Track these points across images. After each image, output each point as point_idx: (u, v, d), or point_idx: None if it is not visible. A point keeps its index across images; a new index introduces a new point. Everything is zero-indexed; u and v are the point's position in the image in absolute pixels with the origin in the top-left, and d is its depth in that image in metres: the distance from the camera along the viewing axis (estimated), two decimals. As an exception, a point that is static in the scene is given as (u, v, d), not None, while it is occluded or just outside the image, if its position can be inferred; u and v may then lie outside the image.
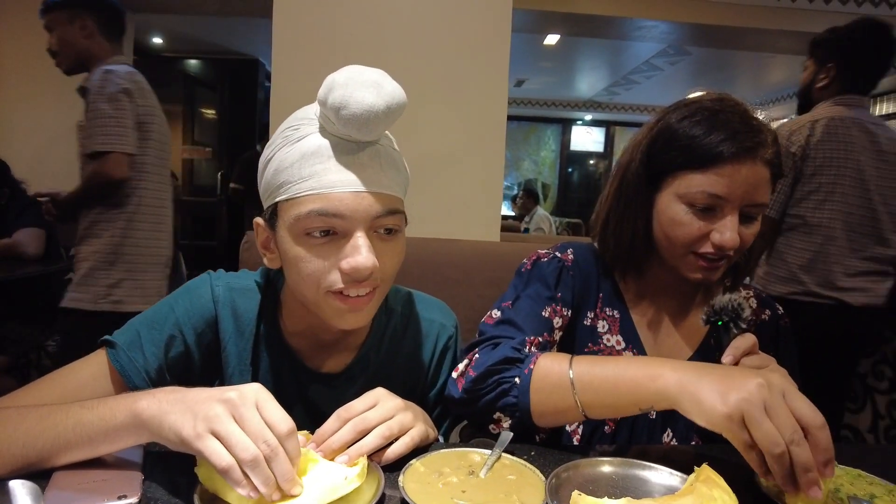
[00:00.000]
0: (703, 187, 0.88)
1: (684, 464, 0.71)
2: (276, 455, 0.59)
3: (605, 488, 0.69)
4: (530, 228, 5.90)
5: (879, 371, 1.91)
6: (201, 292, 0.88)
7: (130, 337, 0.83)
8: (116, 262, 1.98)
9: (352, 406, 0.73)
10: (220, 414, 0.60)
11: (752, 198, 0.88)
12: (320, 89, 0.74)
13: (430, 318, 1.00)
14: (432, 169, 2.02)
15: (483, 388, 0.84)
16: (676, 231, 0.92)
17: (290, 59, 1.94)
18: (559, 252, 1.05)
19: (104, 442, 0.65)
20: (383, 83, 0.73)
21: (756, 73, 7.05)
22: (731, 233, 0.88)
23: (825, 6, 4.05)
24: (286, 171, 0.76)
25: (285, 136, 0.79)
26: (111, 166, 1.89)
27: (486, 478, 0.69)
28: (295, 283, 0.81)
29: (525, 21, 4.26)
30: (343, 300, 0.78)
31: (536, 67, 7.20)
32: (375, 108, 0.71)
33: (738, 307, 0.83)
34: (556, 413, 0.82)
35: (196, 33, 5.96)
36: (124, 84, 1.92)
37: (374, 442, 0.70)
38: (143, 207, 2.02)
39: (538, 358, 0.84)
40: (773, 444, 0.60)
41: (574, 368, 0.80)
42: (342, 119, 0.72)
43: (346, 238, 0.76)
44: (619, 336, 1.02)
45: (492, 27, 2.01)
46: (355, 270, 0.75)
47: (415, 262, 1.63)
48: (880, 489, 0.72)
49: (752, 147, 0.87)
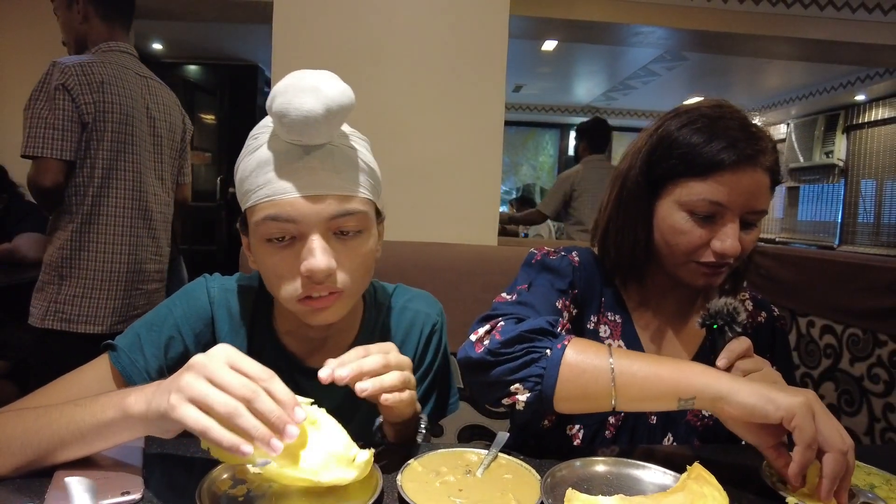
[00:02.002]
0: (704, 195, 0.88)
1: (678, 464, 0.73)
2: (257, 396, 0.59)
3: (599, 487, 0.71)
4: (529, 234, 5.92)
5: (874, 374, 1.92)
6: (198, 294, 0.91)
7: (131, 339, 0.85)
8: (68, 276, 1.78)
9: (370, 347, 0.74)
10: (190, 380, 0.59)
11: (753, 205, 0.89)
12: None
13: (416, 308, 1.02)
14: (430, 173, 2.03)
15: (510, 352, 0.79)
16: (678, 239, 0.92)
17: (290, 65, 1.92)
18: (565, 252, 1.05)
19: (97, 438, 0.66)
20: (323, 87, 0.72)
21: (752, 79, 7.08)
22: (733, 240, 0.88)
23: (820, 13, 4.09)
24: (247, 181, 0.79)
25: (247, 146, 0.81)
26: (39, 173, 1.70)
27: (483, 477, 0.70)
28: (268, 286, 0.83)
29: (523, 27, 4.29)
30: (305, 302, 0.79)
31: (534, 73, 7.23)
32: (314, 112, 0.71)
33: (734, 311, 0.84)
34: (582, 398, 0.78)
35: (196, 39, 5.98)
36: (64, 80, 1.69)
37: (393, 380, 0.72)
38: (100, 217, 1.80)
39: (572, 338, 0.81)
40: (840, 441, 0.66)
41: (614, 355, 0.78)
42: (284, 126, 0.73)
43: (304, 242, 0.77)
44: (620, 341, 1.02)
45: (489, 33, 2.03)
46: (310, 272, 0.75)
47: (413, 266, 1.65)
48: (878, 479, 0.74)
49: (752, 155, 0.87)
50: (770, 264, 2.29)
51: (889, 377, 1.89)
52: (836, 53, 4.62)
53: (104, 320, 1.81)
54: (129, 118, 1.84)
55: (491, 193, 2.08)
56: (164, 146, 2.01)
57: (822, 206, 7.76)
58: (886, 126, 6.74)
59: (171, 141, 2.06)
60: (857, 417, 1.97)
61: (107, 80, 1.78)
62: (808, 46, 4.45)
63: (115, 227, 1.83)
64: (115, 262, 1.83)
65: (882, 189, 6.80)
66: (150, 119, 1.95)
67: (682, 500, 0.62)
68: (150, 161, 1.95)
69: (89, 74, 1.74)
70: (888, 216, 6.73)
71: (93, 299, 1.79)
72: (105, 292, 1.81)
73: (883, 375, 1.89)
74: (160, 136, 1.99)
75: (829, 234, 7.54)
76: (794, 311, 2.18)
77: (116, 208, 1.83)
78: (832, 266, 2.08)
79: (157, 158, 1.99)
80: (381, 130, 1.96)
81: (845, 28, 4.16)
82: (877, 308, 1.90)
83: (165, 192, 2.04)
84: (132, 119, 1.85)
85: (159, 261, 2.02)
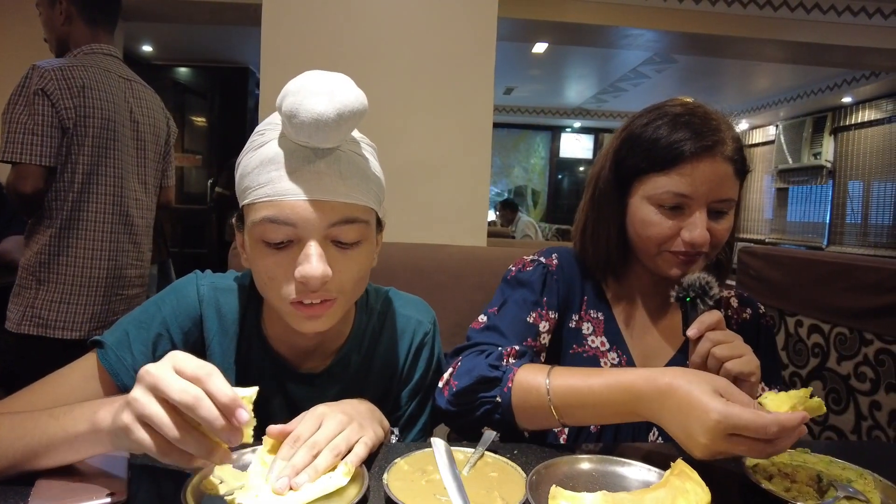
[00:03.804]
0: (668, 187, 0.92)
1: (661, 461, 0.73)
2: (199, 403, 0.55)
3: (583, 484, 0.71)
4: (517, 235, 5.97)
5: (861, 373, 1.94)
6: (187, 292, 0.89)
7: (119, 336, 0.83)
8: (46, 281, 1.74)
9: (298, 433, 0.70)
10: (138, 397, 0.57)
11: (718, 194, 0.91)
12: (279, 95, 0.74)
13: (407, 314, 1.00)
14: (419, 175, 2.03)
15: (466, 404, 0.87)
16: (648, 231, 0.95)
17: (279, 67, 1.95)
18: (544, 257, 1.07)
19: (68, 451, 0.64)
20: (337, 91, 0.71)
21: (741, 81, 7.15)
22: (700, 230, 0.91)
23: (807, 15, 4.13)
24: (248, 177, 0.77)
25: (251, 141, 0.79)
26: (19, 179, 1.67)
27: (469, 475, 0.70)
28: (259, 286, 0.82)
29: (513, 29, 4.30)
30: (298, 308, 0.77)
31: (525, 76, 7.26)
32: (325, 116, 0.70)
33: (706, 284, 0.87)
34: (540, 424, 0.86)
35: (186, 42, 5.96)
36: (44, 84, 1.66)
37: (325, 461, 0.67)
38: (80, 222, 1.77)
39: (515, 373, 0.85)
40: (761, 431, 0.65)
41: (550, 375, 0.82)
42: (294, 127, 0.71)
43: (300, 247, 0.75)
44: (603, 337, 1.04)
45: (478, 35, 2.03)
46: (305, 279, 0.73)
47: (402, 268, 1.65)
48: (852, 473, 0.75)
49: (710, 145, 0.90)
50: (759, 264, 2.31)
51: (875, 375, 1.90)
52: (823, 56, 4.68)
53: (82, 326, 1.78)
54: (110, 122, 1.81)
55: (480, 195, 2.08)
56: (148, 150, 1.99)
57: (811, 207, 7.84)
58: (873, 128, 6.82)
59: (155, 144, 2.03)
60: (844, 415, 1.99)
61: (88, 84, 1.75)
62: (796, 49, 4.50)
63: (96, 231, 1.81)
64: (95, 266, 1.81)
65: (869, 190, 6.87)
66: (134, 122, 1.92)
67: (665, 495, 0.63)
68: (133, 165, 1.93)
69: (69, 79, 1.71)
70: (875, 217, 6.81)
71: (71, 304, 1.77)
72: (84, 297, 1.78)
73: (869, 374, 1.91)
74: (144, 140, 1.96)
75: (818, 235, 7.62)
76: (783, 311, 2.20)
77: (97, 213, 1.81)
78: (820, 266, 2.10)
79: (141, 162, 1.97)
80: (370, 132, 1.93)
81: (832, 31, 4.21)
82: (863, 307, 1.92)
83: (148, 196, 2.01)
84: (114, 123, 1.82)
85: (141, 266, 1.99)
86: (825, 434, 2.04)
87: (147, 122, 1.98)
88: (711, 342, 0.83)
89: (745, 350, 0.83)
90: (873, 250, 6.65)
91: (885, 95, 6.54)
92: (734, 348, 0.83)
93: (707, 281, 0.87)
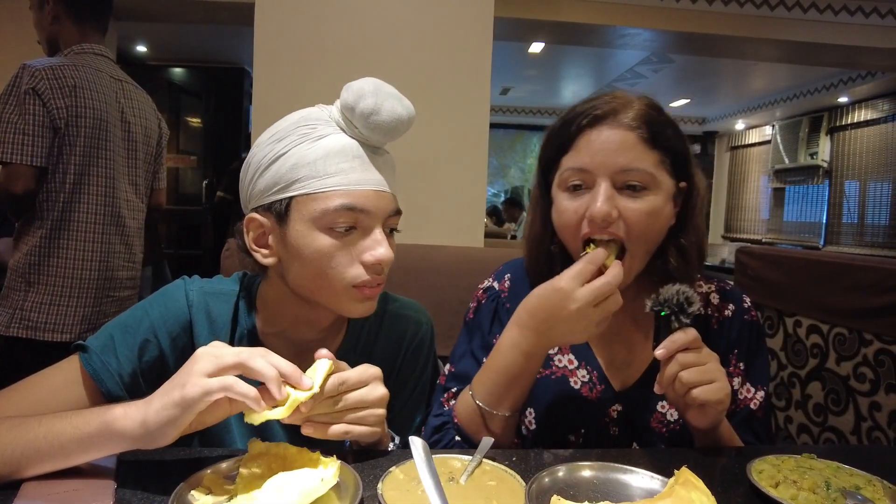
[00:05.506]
0: (568, 165, 0.90)
1: (665, 467, 0.71)
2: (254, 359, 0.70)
3: (585, 493, 0.69)
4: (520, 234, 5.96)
5: (860, 373, 1.93)
6: (176, 297, 0.88)
7: (104, 341, 0.82)
8: (36, 283, 1.73)
9: (346, 377, 0.75)
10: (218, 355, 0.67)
11: (619, 163, 0.85)
12: (344, 94, 0.80)
13: (404, 315, 1.01)
14: (416, 176, 2.02)
15: (437, 444, 0.92)
16: (562, 219, 0.91)
17: (272, 67, 1.93)
18: (497, 282, 1.06)
19: (76, 450, 0.64)
20: (401, 96, 0.82)
21: (737, 81, 7.16)
22: (602, 202, 0.84)
23: (803, 15, 4.13)
24: (307, 167, 0.79)
25: (303, 134, 0.81)
26: (10, 179, 1.64)
27: (467, 484, 0.69)
28: (310, 275, 0.82)
29: (510, 29, 4.29)
30: (362, 290, 0.83)
31: (522, 76, 7.25)
32: (402, 117, 0.81)
33: (685, 300, 0.81)
34: (494, 427, 0.88)
35: (181, 42, 5.93)
36: (35, 84, 1.64)
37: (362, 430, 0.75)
38: (71, 223, 1.75)
39: (454, 409, 0.93)
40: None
41: (473, 387, 0.89)
42: (370, 124, 0.79)
43: (365, 233, 0.82)
44: (570, 355, 0.99)
45: (474, 35, 2.02)
46: (379, 262, 0.81)
47: (399, 268, 1.62)
48: (860, 479, 0.73)
49: (604, 114, 0.87)
50: (756, 265, 2.30)
51: (875, 376, 1.89)
52: (820, 55, 4.68)
53: (73, 328, 1.76)
54: (102, 123, 1.79)
55: (477, 196, 2.07)
56: (139, 151, 1.96)
57: (807, 206, 7.85)
58: (869, 127, 6.83)
59: (147, 146, 2.00)
60: (843, 416, 1.97)
61: (79, 84, 1.73)
62: (792, 48, 4.50)
63: (86, 233, 1.78)
64: (86, 268, 1.79)
65: (865, 190, 6.89)
66: (125, 123, 1.90)
67: (669, 505, 0.61)
68: (124, 166, 1.90)
69: (61, 78, 1.69)
70: (872, 216, 6.82)
71: (61, 306, 1.74)
72: (74, 299, 1.76)
73: (869, 374, 1.90)
74: (135, 141, 1.94)
75: (815, 235, 7.63)
76: (781, 311, 2.19)
77: (88, 214, 1.79)
78: (818, 266, 2.09)
79: (132, 164, 1.94)
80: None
81: (828, 30, 4.22)
82: (862, 307, 1.91)
83: (139, 197, 1.99)
84: (106, 124, 1.80)
85: (132, 268, 1.97)
86: (825, 435, 2.03)
87: (138, 123, 1.96)
88: (680, 365, 0.78)
89: (716, 375, 0.78)
90: (870, 250, 6.66)
91: (881, 95, 6.55)
92: (704, 373, 0.78)
93: (687, 296, 0.80)
